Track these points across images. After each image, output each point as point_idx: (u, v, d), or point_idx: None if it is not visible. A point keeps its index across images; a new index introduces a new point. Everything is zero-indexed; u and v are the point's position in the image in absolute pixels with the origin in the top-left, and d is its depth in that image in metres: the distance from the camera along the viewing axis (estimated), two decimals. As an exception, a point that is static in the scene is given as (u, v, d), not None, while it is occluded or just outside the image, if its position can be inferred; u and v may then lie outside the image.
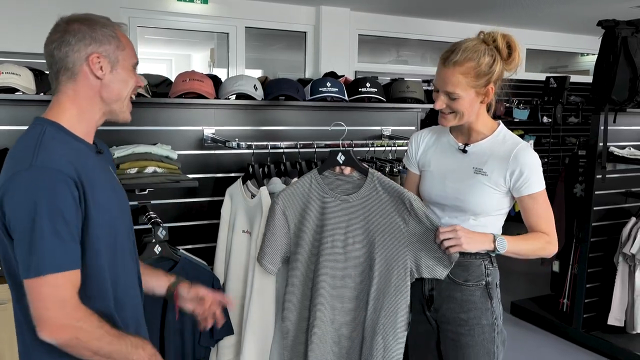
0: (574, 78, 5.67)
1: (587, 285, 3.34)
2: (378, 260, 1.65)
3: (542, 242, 1.58)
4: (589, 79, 6.09)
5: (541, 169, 1.59)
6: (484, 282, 1.63)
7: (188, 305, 1.42)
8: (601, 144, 3.14)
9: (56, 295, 1.07)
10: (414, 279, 1.65)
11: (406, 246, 1.62)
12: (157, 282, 1.43)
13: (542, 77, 5.81)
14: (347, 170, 1.71)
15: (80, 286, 1.12)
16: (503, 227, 1.67)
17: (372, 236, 1.65)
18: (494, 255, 1.60)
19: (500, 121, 1.68)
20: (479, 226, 1.59)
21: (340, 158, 1.67)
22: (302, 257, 1.72)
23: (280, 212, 1.71)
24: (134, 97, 1.30)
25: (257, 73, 5.57)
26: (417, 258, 1.62)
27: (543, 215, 1.59)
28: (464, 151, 1.63)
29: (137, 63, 1.29)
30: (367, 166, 1.71)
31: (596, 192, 3.23)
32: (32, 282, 1.06)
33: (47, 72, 2.08)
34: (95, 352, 1.11)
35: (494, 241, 1.53)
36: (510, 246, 1.55)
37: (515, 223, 1.66)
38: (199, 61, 6.80)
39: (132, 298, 1.31)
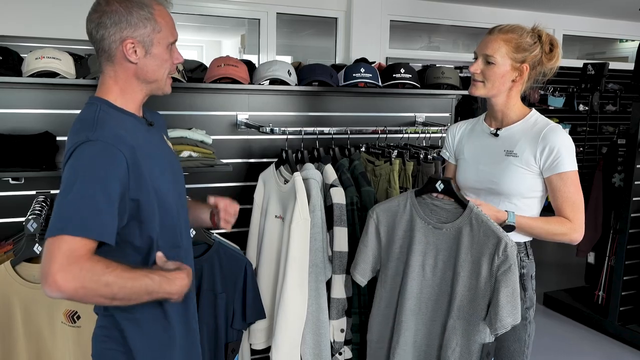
0: (612, 65, 5.47)
1: (625, 278, 3.27)
2: (459, 295, 1.57)
3: (564, 227, 1.56)
4: (627, 65, 5.89)
5: (573, 149, 1.58)
6: (518, 274, 1.61)
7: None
8: (643, 133, 3.04)
9: (67, 251, 1.03)
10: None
11: (483, 290, 1.54)
12: (202, 214, 1.54)
13: (578, 63, 5.63)
14: (445, 197, 1.63)
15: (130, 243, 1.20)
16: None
17: (456, 270, 1.58)
18: (510, 232, 1.57)
19: (534, 108, 1.69)
20: (515, 209, 1.59)
21: (439, 186, 1.60)
22: (390, 273, 1.72)
23: (374, 226, 1.73)
24: (177, 69, 1.30)
25: (287, 59, 5.55)
26: (490, 303, 1.54)
27: (570, 198, 1.56)
28: (496, 135, 1.66)
29: (175, 40, 1.29)
30: (467, 199, 1.59)
31: (636, 182, 3.14)
32: (50, 240, 1.04)
33: (86, 57, 2.14)
34: (112, 297, 1.07)
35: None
36: (521, 220, 1.56)
37: (550, 213, 1.62)
38: (229, 47, 6.82)
39: (184, 259, 1.36)
